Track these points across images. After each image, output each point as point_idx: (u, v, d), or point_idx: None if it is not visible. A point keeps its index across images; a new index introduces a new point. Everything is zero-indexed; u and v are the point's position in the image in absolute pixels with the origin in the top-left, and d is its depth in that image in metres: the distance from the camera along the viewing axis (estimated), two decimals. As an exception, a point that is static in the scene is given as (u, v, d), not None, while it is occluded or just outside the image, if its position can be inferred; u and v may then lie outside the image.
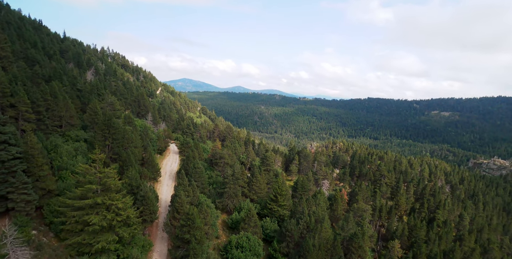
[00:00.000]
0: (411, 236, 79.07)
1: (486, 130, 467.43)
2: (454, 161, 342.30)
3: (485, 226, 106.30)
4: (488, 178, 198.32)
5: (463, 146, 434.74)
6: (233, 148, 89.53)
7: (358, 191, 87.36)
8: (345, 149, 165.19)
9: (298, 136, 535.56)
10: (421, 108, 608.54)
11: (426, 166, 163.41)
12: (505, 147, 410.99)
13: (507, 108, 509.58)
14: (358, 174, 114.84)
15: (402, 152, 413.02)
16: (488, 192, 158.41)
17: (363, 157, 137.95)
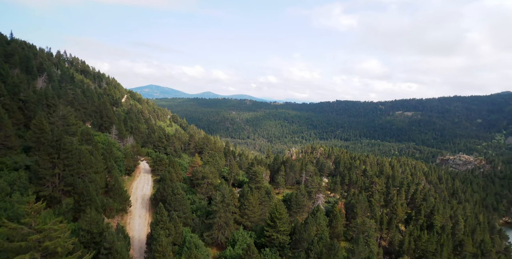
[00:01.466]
0: (416, 248, 73.44)
1: (446, 128, 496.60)
2: (421, 158, 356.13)
3: (476, 227, 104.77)
4: (461, 174, 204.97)
5: (427, 143, 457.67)
6: (214, 163, 78.18)
7: (356, 203, 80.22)
8: (327, 154, 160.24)
9: (271, 141, 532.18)
10: (386, 109, 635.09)
11: (406, 168, 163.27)
12: (464, 143, 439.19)
13: (462, 106, 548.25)
14: (348, 182, 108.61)
15: (372, 152, 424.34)
16: (465, 189, 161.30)
17: (348, 163, 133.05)
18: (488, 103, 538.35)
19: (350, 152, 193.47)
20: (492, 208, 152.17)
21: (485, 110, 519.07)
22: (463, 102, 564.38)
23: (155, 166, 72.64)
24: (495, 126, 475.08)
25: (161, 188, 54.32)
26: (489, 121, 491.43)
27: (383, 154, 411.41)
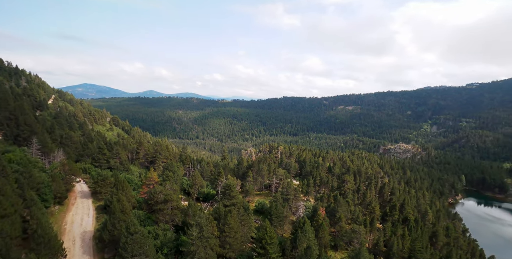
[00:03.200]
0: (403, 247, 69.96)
1: (382, 120, 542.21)
2: (364, 148, 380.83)
3: (440, 215, 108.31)
4: (407, 163, 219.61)
5: (368, 135, 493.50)
6: (175, 178, 63.63)
7: (337, 206, 73.66)
8: (288, 153, 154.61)
9: (221, 139, 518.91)
10: (329, 104, 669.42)
11: (365, 161, 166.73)
12: (398, 133, 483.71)
13: (394, 100, 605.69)
14: (319, 183, 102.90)
15: (320, 145, 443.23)
16: (416, 177, 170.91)
17: (312, 161, 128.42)
18: (415, 97, 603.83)
19: (310, 148, 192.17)
20: (439, 193, 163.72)
21: (413, 103, 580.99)
22: (395, 96, 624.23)
23: (96, 188, 55.39)
24: (422, 116, 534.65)
25: (110, 224, 38.88)
26: (417, 113, 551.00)
27: (330, 147, 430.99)
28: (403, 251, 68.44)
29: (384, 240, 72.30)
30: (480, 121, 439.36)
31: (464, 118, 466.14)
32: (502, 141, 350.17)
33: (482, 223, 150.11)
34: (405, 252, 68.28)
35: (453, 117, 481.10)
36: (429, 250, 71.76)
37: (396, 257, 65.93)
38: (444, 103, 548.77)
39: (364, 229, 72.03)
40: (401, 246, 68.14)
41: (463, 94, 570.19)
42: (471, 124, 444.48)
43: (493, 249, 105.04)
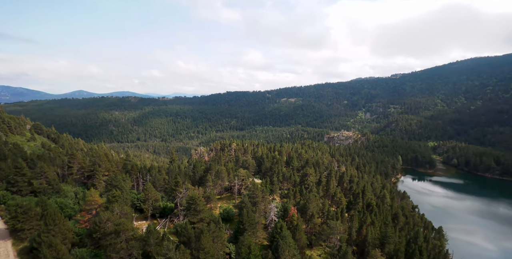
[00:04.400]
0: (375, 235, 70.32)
1: (323, 110, 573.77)
2: (309, 138, 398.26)
3: (394, 196, 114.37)
4: (353, 148, 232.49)
5: (311, 124, 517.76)
6: (124, 198, 52.15)
7: (308, 203, 70.37)
8: (243, 150, 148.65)
9: (165, 140, 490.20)
10: (272, 97, 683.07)
11: (318, 151, 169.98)
12: (338, 121, 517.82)
13: (332, 91, 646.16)
14: (282, 179, 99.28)
15: (267, 138, 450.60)
16: (364, 162, 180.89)
17: (270, 156, 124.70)
18: (350, 87, 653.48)
19: (266, 143, 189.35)
20: (385, 174, 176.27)
21: (348, 93, 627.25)
22: (333, 87, 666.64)
23: (16, 224, 41.43)
24: (357, 105, 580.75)
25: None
26: (352, 102, 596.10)
27: (277, 139, 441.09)
28: (376, 237, 68.67)
29: (356, 230, 71.79)
30: (405, 106, 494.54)
31: (392, 104, 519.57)
32: (424, 123, 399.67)
33: (421, 197, 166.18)
34: (377, 238, 68.59)
35: (383, 104, 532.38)
36: (397, 233, 73.55)
37: (370, 246, 65.49)
38: (375, 92, 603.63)
39: (336, 223, 70.27)
40: (374, 234, 68.20)
41: (389, 84, 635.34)
42: (398, 109, 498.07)
43: (436, 219, 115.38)
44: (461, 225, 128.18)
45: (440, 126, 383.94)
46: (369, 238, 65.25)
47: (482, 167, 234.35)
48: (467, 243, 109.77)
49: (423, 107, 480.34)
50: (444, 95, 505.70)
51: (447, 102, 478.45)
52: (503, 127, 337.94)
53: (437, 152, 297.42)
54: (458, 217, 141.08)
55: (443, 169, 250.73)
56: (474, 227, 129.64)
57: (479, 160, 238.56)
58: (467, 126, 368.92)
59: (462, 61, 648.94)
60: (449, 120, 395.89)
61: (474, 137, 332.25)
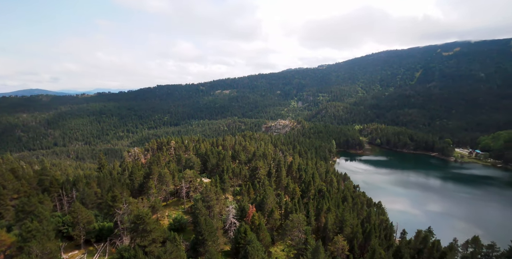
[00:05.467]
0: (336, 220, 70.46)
1: (257, 100, 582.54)
2: (247, 129, 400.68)
3: (339, 179, 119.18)
4: (291, 136, 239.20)
5: (247, 115, 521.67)
6: (46, 230, 39.32)
7: (266, 199, 66.20)
8: (184, 147, 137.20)
9: (89, 142, 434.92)
10: (206, 89, 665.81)
11: (261, 142, 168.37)
12: (273, 110, 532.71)
13: (265, 82, 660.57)
14: (232, 175, 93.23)
15: (204, 132, 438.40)
16: (305, 149, 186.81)
17: (215, 152, 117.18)
18: (282, 78, 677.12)
19: (207, 138, 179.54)
20: (324, 158, 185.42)
21: (281, 84, 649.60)
22: (266, 78, 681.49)
23: None
24: (289, 95, 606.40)
25: None
26: (285, 92, 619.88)
27: (214, 132, 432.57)
28: (336, 223, 68.81)
29: (314, 218, 70.93)
30: (332, 94, 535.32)
31: (321, 93, 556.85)
32: (349, 108, 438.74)
33: (356, 176, 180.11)
34: (336, 224, 68.83)
35: (313, 93, 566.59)
36: (351, 214, 75.27)
37: (331, 232, 65.21)
38: (305, 82, 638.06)
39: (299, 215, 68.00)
40: (333, 220, 68.18)
41: (317, 74, 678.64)
42: (326, 97, 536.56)
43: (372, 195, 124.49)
44: (391, 197, 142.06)
45: (363, 111, 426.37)
46: (329, 225, 64.83)
47: (400, 144, 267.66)
48: (399, 212, 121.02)
49: (347, 94, 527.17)
50: (364, 83, 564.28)
51: (366, 90, 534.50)
52: (411, 109, 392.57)
53: (362, 134, 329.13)
54: (388, 190, 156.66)
55: (370, 149, 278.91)
56: (401, 197, 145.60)
57: (397, 139, 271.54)
58: (383, 109, 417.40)
59: (376, 54, 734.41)
60: (369, 105, 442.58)
61: (390, 119, 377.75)
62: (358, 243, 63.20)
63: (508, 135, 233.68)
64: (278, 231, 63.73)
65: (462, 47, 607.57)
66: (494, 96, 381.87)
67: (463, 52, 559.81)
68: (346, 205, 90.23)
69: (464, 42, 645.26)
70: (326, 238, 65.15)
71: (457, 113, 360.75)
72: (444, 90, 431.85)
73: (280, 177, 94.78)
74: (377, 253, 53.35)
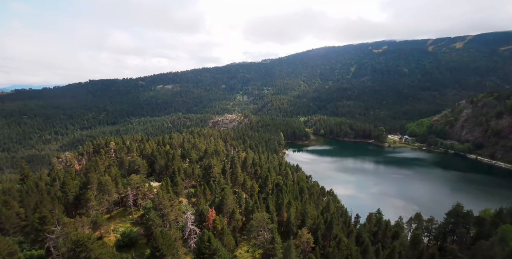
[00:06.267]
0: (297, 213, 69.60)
1: (202, 95, 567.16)
2: (193, 125, 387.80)
3: (293, 171, 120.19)
4: (241, 131, 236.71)
5: (192, 111, 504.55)
6: None
7: (225, 199, 61.81)
8: (125, 149, 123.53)
9: (8, 149, 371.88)
10: (147, 84, 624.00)
11: (211, 138, 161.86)
12: (218, 105, 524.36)
13: (210, 76, 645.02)
14: (184, 177, 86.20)
15: (146, 130, 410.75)
16: (255, 143, 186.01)
17: (163, 152, 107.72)
18: (226, 72, 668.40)
19: (152, 137, 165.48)
20: (274, 151, 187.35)
21: (225, 78, 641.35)
22: (210, 72, 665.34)
23: None
24: (234, 89, 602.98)
25: None
26: (230, 86, 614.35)
27: (158, 130, 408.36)
28: (297, 217, 68.09)
29: (276, 214, 69.22)
30: (276, 88, 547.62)
31: (265, 87, 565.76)
32: (293, 101, 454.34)
33: (306, 166, 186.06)
34: (299, 216, 68.19)
35: (258, 87, 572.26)
36: (311, 206, 75.54)
37: (294, 226, 64.21)
38: (249, 76, 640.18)
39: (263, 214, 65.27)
40: (295, 214, 67.29)
41: (261, 68, 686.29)
42: (271, 91, 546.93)
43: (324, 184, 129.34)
44: (339, 183, 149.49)
45: (306, 103, 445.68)
46: (293, 219, 63.64)
47: (341, 134, 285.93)
48: (349, 197, 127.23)
49: (291, 88, 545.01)
50: (306, 77, 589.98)
51: (308, 83, 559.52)
52: (349, 101, 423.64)
53: (307, 125, 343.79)
54: (335, 177, 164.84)
55: (315, 139, 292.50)
56: (348, 183, 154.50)
57: (339, 128, 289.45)
58: (324, 102, 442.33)
59: (316, 49, 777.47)
60: (311, 98, 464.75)
61: (331, 111, 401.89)
62: (322, 233, 63.41)
63: (429, 122, 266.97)
64: (241, 232, 60.30)
65: (389, 45, 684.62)
66: (415, 88, 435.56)
67: (390, 50, 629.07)
68: (304, 196, 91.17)
69: (391, 41, 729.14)
70: (290, 233, 63.91)
71: (387, 104, 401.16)
72: (375, 84, 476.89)
73: (236, 174, 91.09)
74: (342, 242, 53.69)
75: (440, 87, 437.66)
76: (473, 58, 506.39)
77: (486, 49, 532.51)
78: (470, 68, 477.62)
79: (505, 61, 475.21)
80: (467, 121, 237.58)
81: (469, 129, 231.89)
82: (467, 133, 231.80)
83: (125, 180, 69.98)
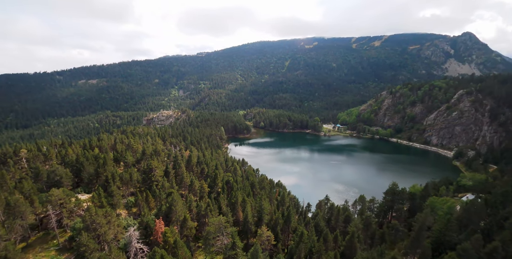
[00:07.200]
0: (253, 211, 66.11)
1: (133, 90, 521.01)
2: (124, 123, 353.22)
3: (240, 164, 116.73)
4: (180, 127, 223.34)
5: (122, 108, 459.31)
6: None
7: (173, 206, 54.52)
8: (42, 156, 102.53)
9: None
10: (66, 79, 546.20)
11: (147, 137, 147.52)
12: (152, 101, 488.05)
13: (141, 70, 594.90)
14: (120, 184, 74.69)
15: (68, 132, 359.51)
16: (197, 139, 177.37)
17: (91, 157, 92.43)
18: (159, 65, 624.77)
19: (70, 140, 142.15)
20: (217, 146, 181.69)
21: (159, 71, 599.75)
22: (141, 65, 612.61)
23: None
24: (169, 83, 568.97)
25: None
26: (164, 80, 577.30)
27: (83, 131, 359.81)
28: (254, 214, 64.91)
29: (231, 214, 64.73)
30: (213, 82, 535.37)
31: (202, 81, 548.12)
32: (231, 95, 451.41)
33: (251, 160, 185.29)
34: (255, 214, 65.09)
35: (194, 81, 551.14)
36: (265, 201, 73.08)
37: (252, 225, 60.90)
38: (184, 69, 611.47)
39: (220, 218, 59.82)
40: (251, 212, 63.89)
41: (197, 61, 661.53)
42: (208, 85, 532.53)
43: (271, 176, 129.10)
44: (285, 174, 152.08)
45: (244, 97, 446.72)
46: (250, 218, 60.06)
47: (281, 125, 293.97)
48: (296, 186, 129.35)
49: (228, 81, 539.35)
50: (242, 71, 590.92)
51: (245, 77, 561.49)
52: (285, 94, 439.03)
53: (247, 118, 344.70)
54: (280, 168, 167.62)
55: (256, 132, 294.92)
56: (293, 173, 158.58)
57: (278, 120, 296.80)
58: (262, 95, 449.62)
59: (252, 43, 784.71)
60: (249, 91, 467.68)
61: (268, 103, 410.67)
62: (281, 228, 61.50)
63: (357, 111, 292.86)
64: (196, 240, 54.34)
65: (319, 42, 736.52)
66: (343, 81, 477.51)
67: (319, 46, 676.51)
68: (256, 191, 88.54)
69: (320, 38, 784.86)
70: (248, 232, 60.36)
71: (319, 96, 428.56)
72: (308, 77, 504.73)
73: (181, 175, 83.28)
74: (304, 235, 52.28)
75: (363, 80, 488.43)
76: (388, 55, 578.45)
77: (398, 47, 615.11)
78: (386, 63, 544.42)
79: (413, 59, 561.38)
80: (388, 109, 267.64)
81: (390, 116, 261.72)
82: (388, 120, 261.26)
83: (43, 196, 56.64)
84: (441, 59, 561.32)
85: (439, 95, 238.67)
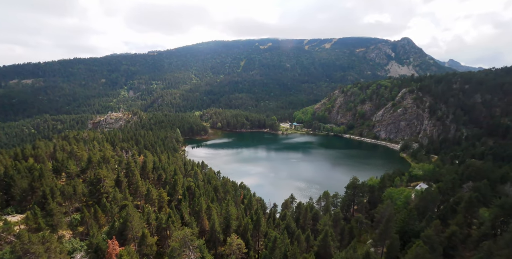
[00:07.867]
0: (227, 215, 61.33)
1: (76, 91, 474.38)
2: (66, 128, 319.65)
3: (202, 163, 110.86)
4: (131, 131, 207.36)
5: (63, 111, 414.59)
6: None
7: (128, 222, 47.53)
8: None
9: None
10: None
11: (93, 142, 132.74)
12: (98, 102, 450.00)
13: (85, 68, 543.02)
14: (61, 199, 64.20)
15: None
16: (151, 143, 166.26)
17: (23, 170, 78.78)
18: (106, 64, 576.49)
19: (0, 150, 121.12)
20: (173, 149, 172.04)
21: (105, 70, 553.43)
22: (85, 64, 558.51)
23: None
24: (117, 83, 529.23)
25: None
26: (112, 80, 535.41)
27: (16, 138, 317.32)
28: (221, 222, 60.44)
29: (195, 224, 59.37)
30: (166, 82, 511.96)
31: (154, 80, 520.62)
32: (186, 95, 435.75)
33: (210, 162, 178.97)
34: (222, 221, 60.70)
35: (145, 81, 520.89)
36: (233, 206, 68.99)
37: (219, 233, 56.50)
38: (135, 68, 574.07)
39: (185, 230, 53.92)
40: (218, 219, 59.28)
41: (148, 60, 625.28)
42: (160, 85, 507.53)
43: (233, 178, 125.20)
44: (246, 175, 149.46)
45: (199, 97, 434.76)
46: (217, 226, 55.47)
47: (238, 125, 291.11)
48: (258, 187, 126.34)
49: (182, 81, 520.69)
50: (197, 70, 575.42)
51: (200, 77, 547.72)
52: (241, 94, 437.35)
53: (203, 119, 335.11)
54: (241, 169, 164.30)
55: (213, 133, 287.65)
56: (254, 173, 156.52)
57: (235, 120, 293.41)
58: (217, 95, 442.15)
59: (206, 43, 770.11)
60: (204, 92, 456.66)
61: (225, 103, 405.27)
62: (251, 234, 58.00)
63: (312, 110, 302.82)
64: (159, 258, 48.11)
65: (273, 42, 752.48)
66: (297, 81, 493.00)
67: (274, 47, 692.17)
68: (220, 195, 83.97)
69: (274, 39, 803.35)
70: (216, 242, 55.70)
71: (275, 95, 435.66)
72: (263, 77, 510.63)
73: (136, 184, 75.06)
74: (278, 240, 49.49)
75: (315, 80, 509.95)
76: (338, 57, 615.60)
77: (346, 50, 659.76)
78: (336, 65, 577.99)
79: (360, 61, 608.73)
80: (341, 107, 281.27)
81: (343, 114, 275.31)
82: (341, 117, 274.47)
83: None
84: (384, 61, 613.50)
85: (385, 94, 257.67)
